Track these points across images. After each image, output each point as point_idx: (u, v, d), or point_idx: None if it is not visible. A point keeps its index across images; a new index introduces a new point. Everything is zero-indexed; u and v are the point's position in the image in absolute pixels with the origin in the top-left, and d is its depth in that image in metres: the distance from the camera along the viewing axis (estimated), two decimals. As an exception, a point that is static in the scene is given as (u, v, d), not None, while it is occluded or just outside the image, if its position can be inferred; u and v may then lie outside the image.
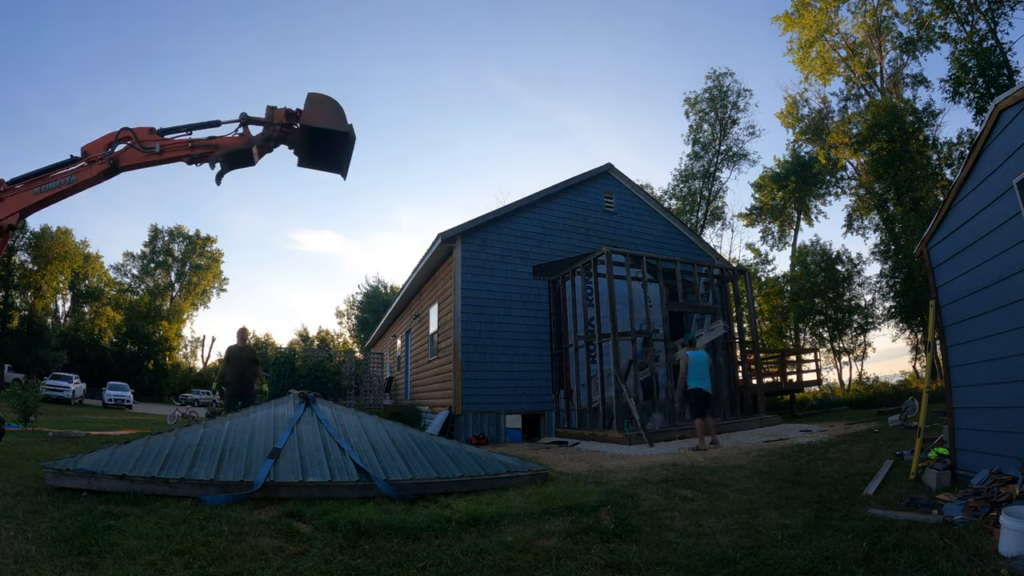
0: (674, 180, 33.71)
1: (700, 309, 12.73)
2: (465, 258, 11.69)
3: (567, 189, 13.35)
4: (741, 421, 11.28)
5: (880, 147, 23.30)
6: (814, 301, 27.74)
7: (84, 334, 46.05)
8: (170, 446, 5.32)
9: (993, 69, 19.47)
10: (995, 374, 4.50)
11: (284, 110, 5.81)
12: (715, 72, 31.40)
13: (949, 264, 5.27)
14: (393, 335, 21.33)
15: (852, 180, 29.87)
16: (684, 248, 14.61)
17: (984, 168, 4.58)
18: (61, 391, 26.15)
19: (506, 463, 6.08)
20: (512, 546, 3.60)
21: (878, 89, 27.12)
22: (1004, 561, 3.01)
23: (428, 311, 14.38)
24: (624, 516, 4.23)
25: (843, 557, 3.22)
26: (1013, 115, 4.15)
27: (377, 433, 6.32)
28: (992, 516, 3.63)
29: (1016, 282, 4.15)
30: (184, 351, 59.38)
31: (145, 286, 55.37)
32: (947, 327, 5.34)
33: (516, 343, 11.87)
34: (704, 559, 3.28)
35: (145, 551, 3.32)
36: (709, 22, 71.31)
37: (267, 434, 5.75)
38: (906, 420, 9.63)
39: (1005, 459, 4.27)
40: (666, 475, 5.96)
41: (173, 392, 46.17)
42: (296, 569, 3.21)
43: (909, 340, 27.04)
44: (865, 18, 26.58)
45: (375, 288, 44.69)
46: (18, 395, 12.32)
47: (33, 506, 4.18)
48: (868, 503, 4.54)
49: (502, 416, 11.34)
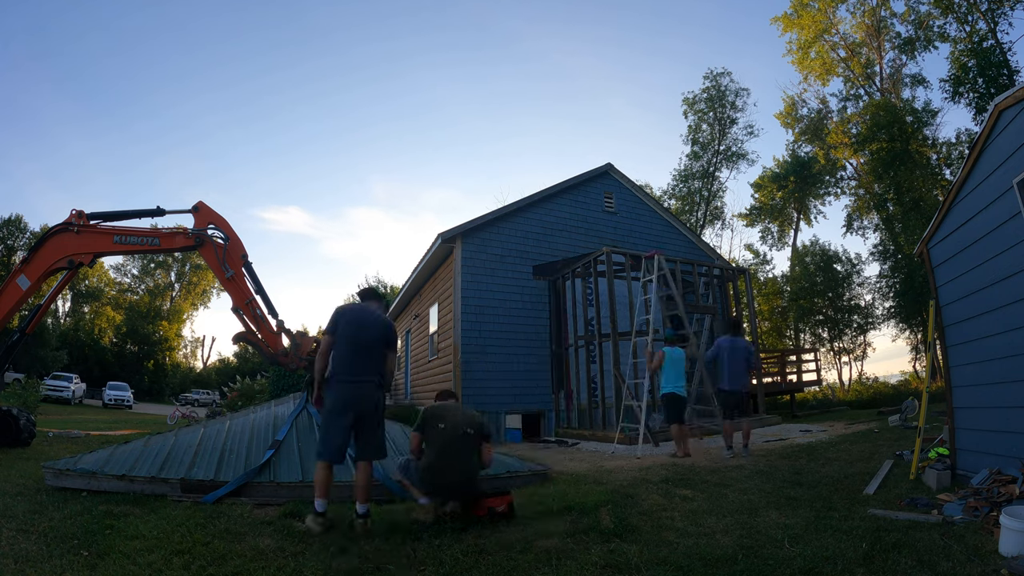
0: (673, 180, 33.77)
1: (700, 309, 12.72)
2: (465, 258, 11.69)
3: (567, 189, 13.35)
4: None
5: (880, 147, 23.31)
6: (814, 301, 27.77)
7: (84, 334, 46.03)
8: (170, 446, 5.32)
9: (993, 69, 19.47)
10: (995, 374, 4.50)
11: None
12: (713, 72, 31.48)
13: (949, 264, 5.27)
14: (393, 335, 21.31)
15: (852, 180, 29.92)
16: (684, 248, 14.62)
17: (984, 168, 4.58)
18: (61, 391, 26.16)
19: (506, 463, 6.07)
20: (512, 546, 3.59)
21: (877, 89, 27.14)
22: (1004, 561, 3.01)
23: (428, 311, 14.38)
24: (624, 516, 4.23)
25: (843, 557, 3.21)
26: (1013, 115, 4.15)
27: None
28: (992, 516, 3.62)
29: (1016, 282, 4.15)
30: (184, 351, 59.42)
31: (145, 286, 55.32)
32: (947, 327, 5.34)
33: (516, 343, 11.86)
34: (704, 559, 3.28)
35: (145, 551, 3.32)
36: (709, 22, 71.37)
37: (267, 434, 5.75)
38: (906, 420, 9.64)
39: (1005, 459, 4.27)
40: (666, 475, 5.96)
41: (173, 392, 46.18)
42: (296, 569, 3.21)
43: (909, 340, 27.09)
44: (864, 18, 26.60)
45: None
46: (18, 395, 12.33)
47: (33, 506, 4.18)
48: (868, 503, 4.54)
49: (502, 416, 11.34)
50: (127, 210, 6.25)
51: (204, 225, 6.17)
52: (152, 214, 6.18)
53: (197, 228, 6.15)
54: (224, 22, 77.50)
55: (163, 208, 6.12)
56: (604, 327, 10.93)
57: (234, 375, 25.17)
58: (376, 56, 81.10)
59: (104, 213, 6.16)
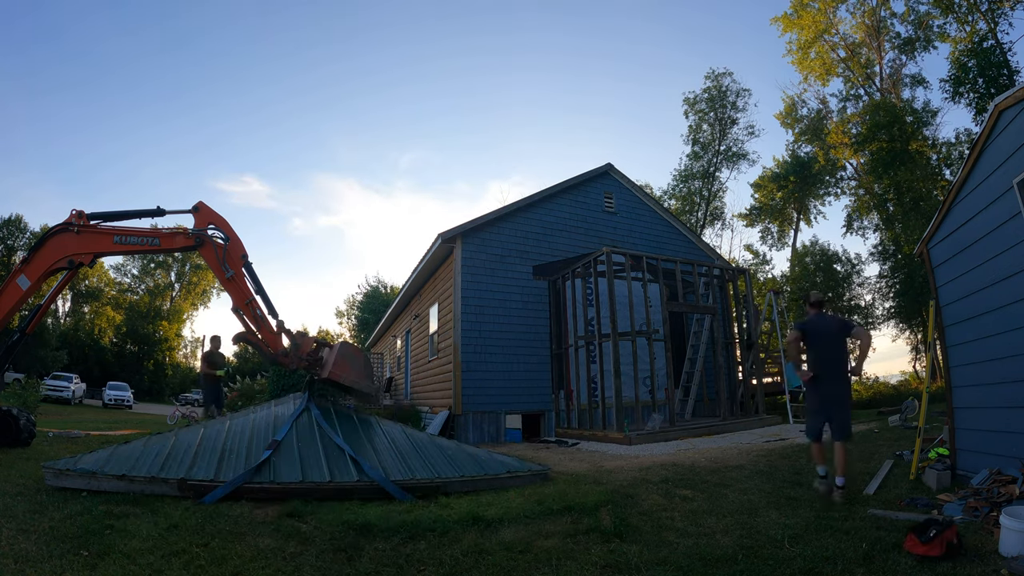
0: (674, 180, 33.74)
1: (700, 309, 12.73)
2: (465, 258, 11.69)
3: (567, 189, 13.35)
4: (741, 421, 11.29)
5: (880, 147, 23.31)
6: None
7: (84, 334, 46.06)
8: (170, 446, 5.32)
9: (993, 69, 19.45)
10: (995, 374, 4.50)
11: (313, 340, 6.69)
12: (714, 72, 31.45)
13: (949, 264, 5.27)
14: (393, 335, 21.32)
15: (852, 180, 29.90)
16: (684, 248, 14.61)
17: (984, 168, 4.58)
18: (61, 391, 26.16)
19: (506, 463, 6.08)
20: (512, 546, 3.60)
21: (877, 89, 27.14)
22: (1004, 561, 3.01)
23: (428, 311, 14.38)
24: (624, 516, 4.23)
25: (843, 557, 3.21)
26: (1013, 115, 4.15)
27: (377, 433, 6.32)
28: (992, 516, 3.63)
29: (1016, 282, 4.15)
30: (184, 351, 59.43)
31: (145, 286, 55.34)
32: (947, 327, 5.34)
33: (516, 343, 11.86)
34: (704, 559, 3.28)
35: (145, 551, 3.32)
36: (709, 22, 71.36)
37: (267, 434, 5.75)
38: (906, 420, 9.64)
39: (1005, 459, 4.27)
40: (666, 475, 5.96)
41: (173, 392, 46.19)
42: (296, 569, 3.21)
43: (909, 340, 27.08)
44: (864, 19, 26.59)
45: (375, 288, 44.68)
46: (18, 395, 12.32)
47: (33, 506, 4.18)
48: (868, 503, 4.54)
49: (502, 416, 11.34)
50: (127, 210, 6.26)
51: (204, 225, 6.18)
52: (152, 214, 6.19)
53: (197, 228, 6.17)
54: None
55: (163, 208, 6.13)
56: (604, 327, 10.93)
57: (234, 375, 25.16)
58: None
59: (104, 213, 6.16)
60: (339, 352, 6.54)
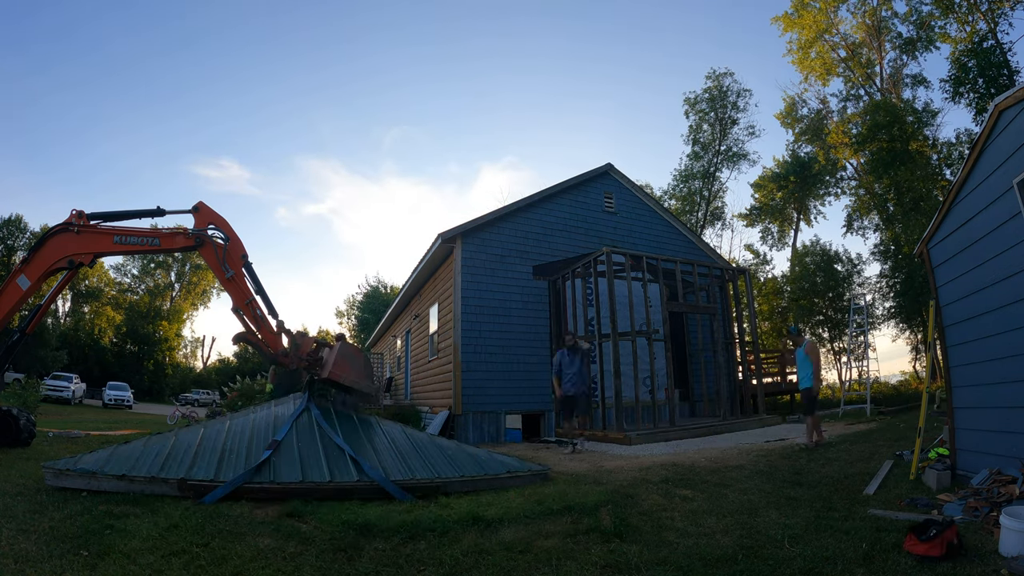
0: (674, 180, 33.78)
1: (700, 309, 12.72)
2: (465, 258, 11.68)
3: (567, 189, 13.35)
4: (741, 421, 11.28)
5: (880, 147, 23.31)
6: (814, 301, 27.73)
7: (84, 334, 46.04)
8: (170, 446, 5.32)
9: (993, 69, 19.45)
10: (995, 374, 4.50)
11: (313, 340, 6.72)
12: (715, 72, 31.50)
13: (949, 264, 5.27)
14: (393, 335, 21.32)
15: (852, 180, 29.91)
16: (684, 248, 14.61)
17: (984, 168, 4.58)
18: (61, 391, 26.16)
19: (506, 463, 6.08)
20: (512, 546, 3.60)
21: (877, 89, 27.14)
22: (1004, 561, 3.01)
23: (428, 311, 14.38)
24: (624, 516, 4.23)
25: (843, 557, 3.21)
26: (1013, 115, 4.15)
27: (377, 433, 6.32)
28: (992, 516, 3.62)
29: (1016, 282, 4.15)
30: (184, 351, 59.44)
31: (145, 286, 55.34)
32: (947, 327, 5.34)
33: (516, 343, 11.86)
34: (704, 559, 3.28)
35: (145, 551, 3.32)
36: (709, 22, 71.36)
37: (267, 434, 5.75)
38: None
39: (1005, 459, 4.27)
40: (666, 475, 5.95)
41: (173, 392, 46.19)
42: (296, 569, 3.21)
43: (909, 340, 27.07)
44: (864, 18, 26.60)
45: (375, 288, 44.74)
46: (18, 395, 12.32)
47: (33, 506, 4.18)
48: (868, 503, 4.54)
49: (502, 416, 11.33)
50: (127, 210, 6.27)
51: (204, 225, 6.18)
52: (152, 214, 6.19)
53: (197, 228, 6.17)
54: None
55: (163, 208, 6.13)
56: (604, 327, 10.93)
57: (234, 375, 25.21)
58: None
59: (104, 213, 6.17)
60: (339, 352, 6.54)
